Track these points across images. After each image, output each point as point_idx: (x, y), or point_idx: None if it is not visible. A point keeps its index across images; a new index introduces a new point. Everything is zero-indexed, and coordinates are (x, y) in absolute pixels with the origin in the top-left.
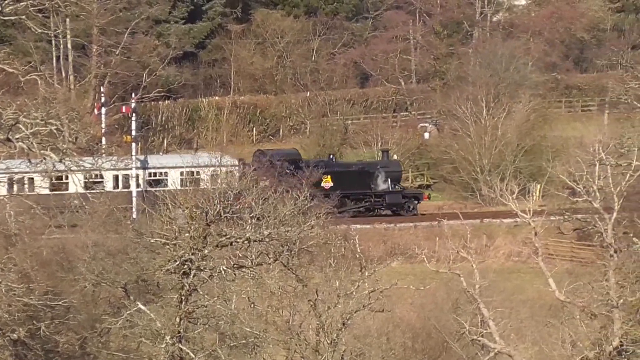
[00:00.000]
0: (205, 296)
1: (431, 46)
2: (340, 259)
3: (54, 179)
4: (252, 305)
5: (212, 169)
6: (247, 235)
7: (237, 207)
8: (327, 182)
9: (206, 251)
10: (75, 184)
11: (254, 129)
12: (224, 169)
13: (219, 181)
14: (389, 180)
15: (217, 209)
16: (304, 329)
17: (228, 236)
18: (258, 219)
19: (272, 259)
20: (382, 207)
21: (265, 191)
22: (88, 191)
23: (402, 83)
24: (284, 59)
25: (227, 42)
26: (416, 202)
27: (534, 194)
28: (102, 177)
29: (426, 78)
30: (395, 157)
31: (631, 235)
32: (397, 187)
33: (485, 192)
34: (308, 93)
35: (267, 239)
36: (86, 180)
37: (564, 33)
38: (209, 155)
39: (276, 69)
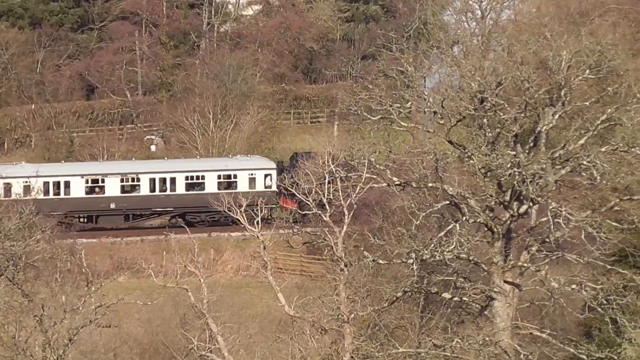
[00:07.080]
0: None
1: (157, 57)
2: (67, 273)
3: None
4: None
5: None
6: None
7: None
8: None
9: None
10: None
11: None
12: None
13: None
14: None
15: None
16: (30, 344)
17: None
18: None
19: None
20: None
21: None
22: None
23: (128, 95)
24: (8, 71)
25: None
26: None
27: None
28: None
29: (153, 90)
30: None
31: (362, 249)
32: None
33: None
34: (33, 105)
35: None
36: None
37: (293, 43)
38: None
39: (1, 81)
